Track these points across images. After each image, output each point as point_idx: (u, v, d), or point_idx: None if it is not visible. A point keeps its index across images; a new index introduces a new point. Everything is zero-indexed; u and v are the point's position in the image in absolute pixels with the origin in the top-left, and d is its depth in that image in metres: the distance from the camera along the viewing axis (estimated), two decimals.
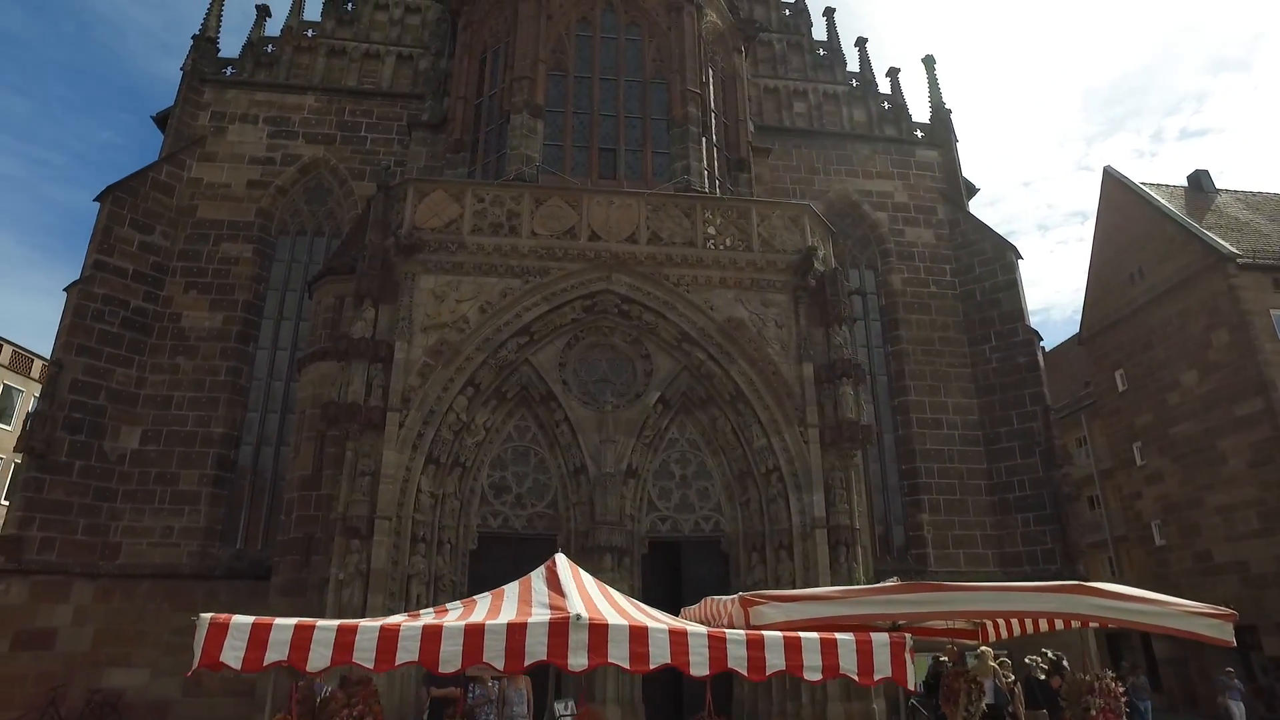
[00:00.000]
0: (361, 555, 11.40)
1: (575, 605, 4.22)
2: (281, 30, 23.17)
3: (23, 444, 16.91)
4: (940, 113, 25.11)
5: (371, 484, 11.77)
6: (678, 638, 4.20)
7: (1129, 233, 29.24)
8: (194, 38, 22.29)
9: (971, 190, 25.06)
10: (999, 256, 22.54)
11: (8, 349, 35.06)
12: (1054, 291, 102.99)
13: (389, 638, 3.95)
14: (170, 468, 18.17)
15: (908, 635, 4.46)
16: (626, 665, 4.10)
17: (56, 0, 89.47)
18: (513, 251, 13.42)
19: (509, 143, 15.31)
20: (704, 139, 16.13)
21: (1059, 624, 5.75)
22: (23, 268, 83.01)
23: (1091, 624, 5.33)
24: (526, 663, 4.01)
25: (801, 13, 26.56)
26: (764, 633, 4.35)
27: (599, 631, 4.10)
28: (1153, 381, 27.62)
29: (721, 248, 14.00)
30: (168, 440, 18.36)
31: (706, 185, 15.76)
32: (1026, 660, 13.24)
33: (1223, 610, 4.76)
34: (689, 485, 13.80)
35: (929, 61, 26.11)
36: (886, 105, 25.35)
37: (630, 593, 12.33)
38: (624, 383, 13.93)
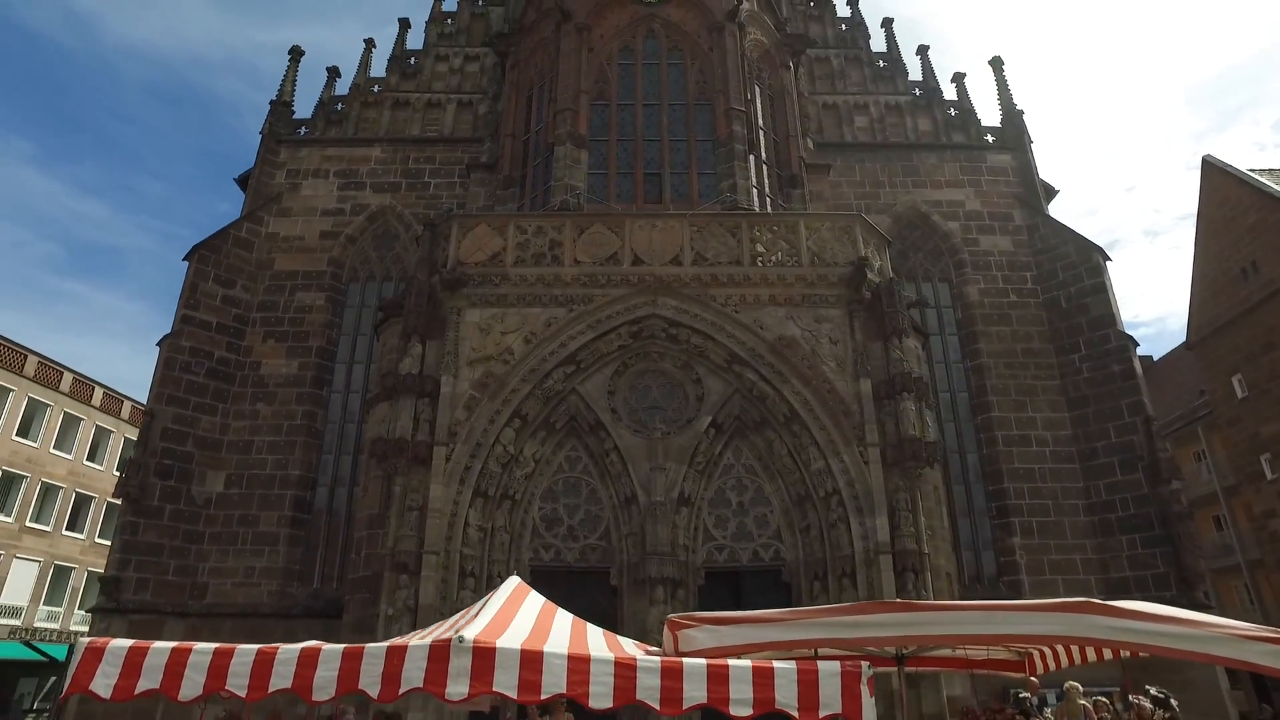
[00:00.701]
0: (410, 591, 11.39)
1: (473, 628, 3.85)
2: (350, 88, 24.29)
3: (119, 489, 17.94)
4: (1011, 115, 23.95)
5: (419, 519, 11.80)
6: (577, 665, 3.71)
7: (1237, 225, 26.92)
8: (271, 103, 23.62)
9: (1050, 193, 23.69)
10: (1084, 259, 21.11)
11: (127, 404, 37.63)
12: (1168, 299, 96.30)
13: (264, 663, 3.69)
14: (251, 510, 18.88)
15: (865, 664, 3.80)
16: (514, 695, 3.68)
17: (189, 93, 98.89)
18: (556, 280, 13.41)
19: (554, 174, 15.43)
20: (751, 156, 15.80)
21: (1107, 653, 4.80)
22: (154, 333, 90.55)
23: (1123, 651, 4.36)
24: (402, 690, 3.65)
25: (858, 26, 26.02)
26: (685, 660, 3.82)
27: (484, 656, 3.65)
28: (1279, 385, 25.09)
29: (769, 264, 13.56)
30: (249, 484, 19.10)
31: (756, 203, 15.40)
32: (1131, 699, 11.94)
33: None
34: (746, 512, 13.24)
35: (996, 63, 25.04)
36: (953, 112, 24.38)
37: None
38: (675, 409, 13.58)
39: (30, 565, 32.22)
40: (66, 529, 34.11)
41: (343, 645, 3.86)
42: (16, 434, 31.61)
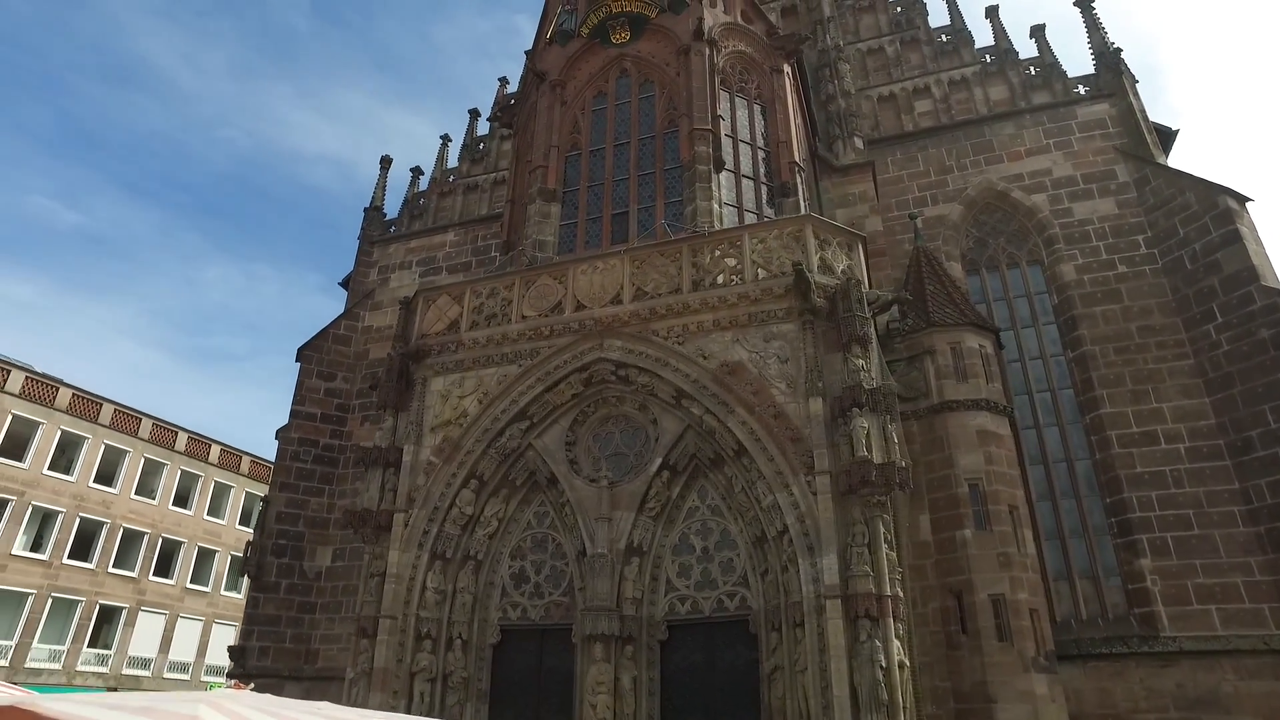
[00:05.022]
0: (368, 655, 11.83)
1: None
2: (428, 183, 26.67)
3: (242, 568, 20.60)
4: (1105, 58, 20.50)
5: (379, 584, 12.29)
6: None
7: None
8: (365, 210, 26.53)
9: (1168, 137, 19.83)
10: (1209, 206, 17.26)
11: (247, 459, 40.32)
12: None
13: None
14: (353, 580, 20.60)
15: None
16: None
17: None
18: (504, 339, 13.54)
19: (524, 231, 15.71)
20: (720, 175, 14.94)
21: None
22: None
23: None
24: None
25: (914, 5, 23.90)
26: None
27: None
28: None
29: (710, 287, 12.65)
30: (350, 556, 20.98)
31: (725, 222, 14.51)
32: None
33: None
34: (711, 558, 12.16)
35: (1084, 2, 21.64)
36: (1032, 70, 21.42)
37: (632, 685, 11.16)
38: (637, 453, 12.97)
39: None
40: None
41: None
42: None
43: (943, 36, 23.06)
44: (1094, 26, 21.15)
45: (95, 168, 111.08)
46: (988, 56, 22.15)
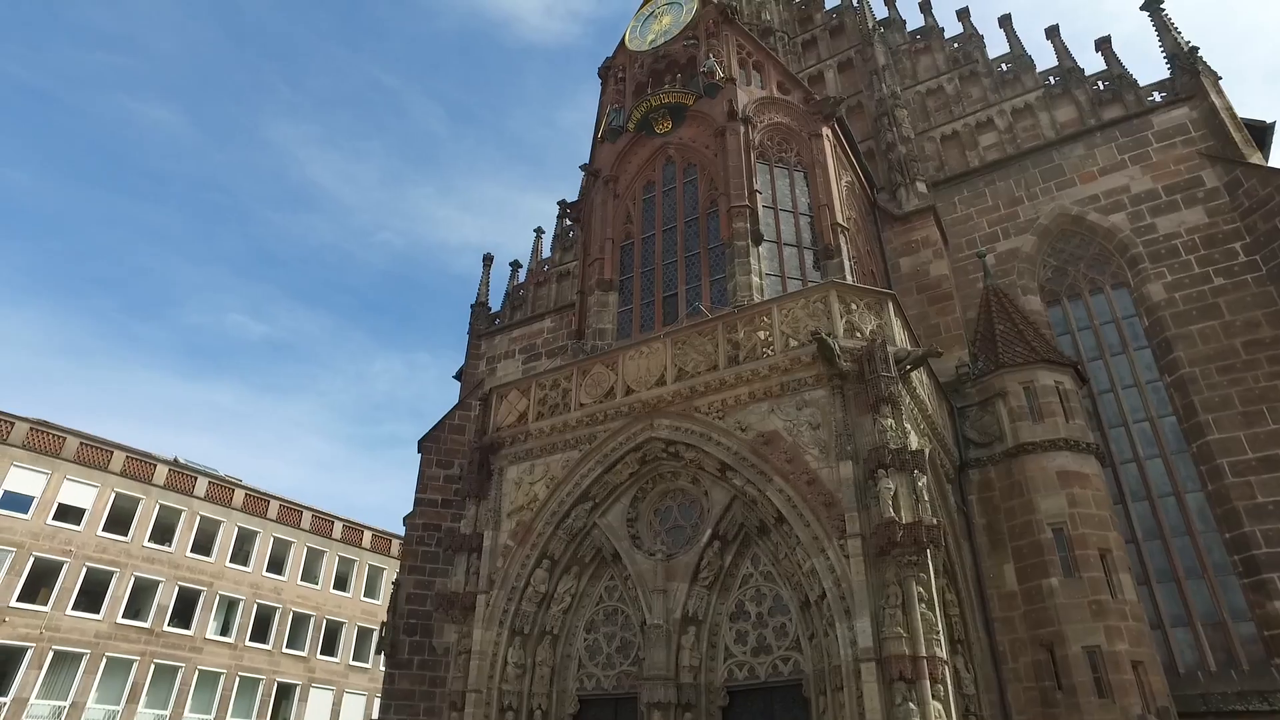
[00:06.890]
0: None
1: None
2: (525, 275, 28.83)
3: (378, 647, 22.59)
4: (1180, 59, 19.55)
5: (466, 661, 13.44)
6: None
7: None
8: (471, 306, 28.96)
9: (1262, 132, 18.45)
10: None
11: (396, 542, 43.56)
12: None
13: None
14: None
15: None
16: None
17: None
18: (565, 427, 14.64)
19: (587, 321, 16.93)
20: (759, 248, 15.58)
21: None
22: None
23: None
24: None
25: (971, 38, 23.81)
26: None
27: None
28: None
29: (746, 361, 13.20)
30: None
31: (765, 293, 15.05)
32: None
33: None
34: (765, 624, 12.40)
35: (1152, 5, 20.73)
36: (1101, 85, 20.75)
37: None
38: (693, 525, 13.56)
39: None
40: None
41: None
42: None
43: (1003, 66, 22.76)
44: (1165, 29, 20.24)
45: (276, 283, 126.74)
46: (1051, 79, 21.64)
